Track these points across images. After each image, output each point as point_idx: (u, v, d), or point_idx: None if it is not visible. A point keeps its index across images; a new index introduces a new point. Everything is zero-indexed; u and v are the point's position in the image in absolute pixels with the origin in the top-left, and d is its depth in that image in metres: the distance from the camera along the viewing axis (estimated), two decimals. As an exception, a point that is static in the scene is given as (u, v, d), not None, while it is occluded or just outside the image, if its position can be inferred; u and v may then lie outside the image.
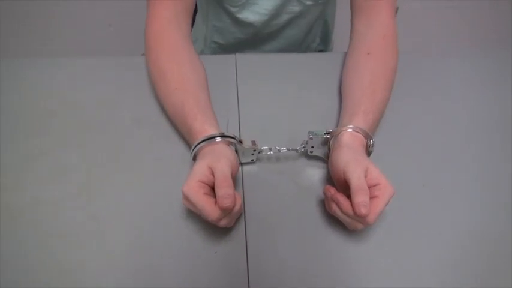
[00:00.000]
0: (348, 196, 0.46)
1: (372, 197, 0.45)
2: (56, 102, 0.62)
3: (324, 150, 0.56)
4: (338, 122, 0.58)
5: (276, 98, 0.65)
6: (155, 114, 0.61)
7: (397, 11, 0.67)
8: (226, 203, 0.42)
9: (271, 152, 0.55)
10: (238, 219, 0.51)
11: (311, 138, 0.54)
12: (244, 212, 0.52)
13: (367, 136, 0.52)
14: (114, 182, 0.54)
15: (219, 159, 0.47)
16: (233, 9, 0.75)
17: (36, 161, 0.55)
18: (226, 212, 0.44)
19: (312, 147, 0.56)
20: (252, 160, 0.56)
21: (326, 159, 0.56)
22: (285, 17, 0.77)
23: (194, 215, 0.49)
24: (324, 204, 0.51)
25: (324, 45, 0.94)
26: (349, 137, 0.52)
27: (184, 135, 0.56)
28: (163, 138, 0.58)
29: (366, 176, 0.46)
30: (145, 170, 0.55)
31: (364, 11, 0.65)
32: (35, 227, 0.50)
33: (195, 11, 0.87)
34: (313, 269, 0.48)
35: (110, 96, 0.63)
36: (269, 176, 0.56)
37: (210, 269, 0.47)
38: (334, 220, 0.50)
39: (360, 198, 0.44)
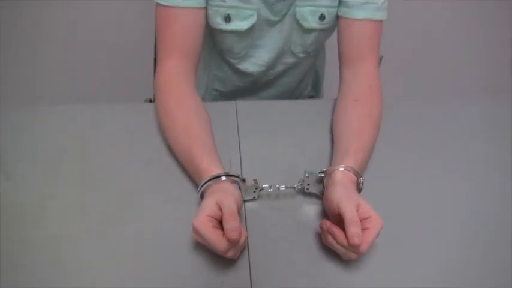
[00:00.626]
0: (342, 228, 0.51)
1: (363, 229, 0.49)
2: (67, 147, 0.67)
3: (319, 187, 0.61)
4: (331, 162, 0.63)
5: (274, 140, 0.71)
6: (163, 156, 0.66)
7: (380, 60, 0.75)
8: (234, 235, 0.47)
9: (271, 190, 0.60)
10: (242, 252, 0.54)
11: (307, 177, 0.60)
12: (248, 245, 0.56)
13: (357, 174, 0.58)
14: (126, 219, 0.58)
15: (225, 196, 0.52)
16: (233, 61, 0.82)
17: (52, 202, 0.59)
18: (233, 243, 0.48)
19: (308, 184, 0.61)
20: (254, 197, 0.61)
21: (321, 196, 0.61)
22: (280, 68, 0.85)
23: (202, 248, 0.53)
24: (321, 237, 0.56)
25: (315, 91, 1.02)
26: (341, 175, 0.57)
27: (191, 175, 0.61)
28: (171, 178, 0.63)
29: (357, 210, 0.51)
30: (155, 207, 0.60)
31: (350, 62, 0.73)
32: (54, 261, 0.53)
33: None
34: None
35: (120, 139, 0.69)
36: (269, 212, 0.60)
37: (217, 298, 0.51)
38: (330, 251, 0.55)
39: (353, 229, 0.48)
